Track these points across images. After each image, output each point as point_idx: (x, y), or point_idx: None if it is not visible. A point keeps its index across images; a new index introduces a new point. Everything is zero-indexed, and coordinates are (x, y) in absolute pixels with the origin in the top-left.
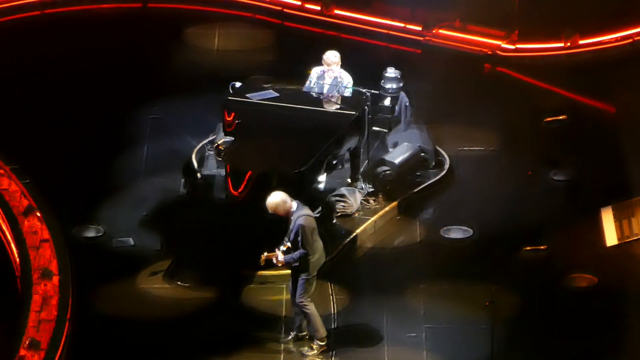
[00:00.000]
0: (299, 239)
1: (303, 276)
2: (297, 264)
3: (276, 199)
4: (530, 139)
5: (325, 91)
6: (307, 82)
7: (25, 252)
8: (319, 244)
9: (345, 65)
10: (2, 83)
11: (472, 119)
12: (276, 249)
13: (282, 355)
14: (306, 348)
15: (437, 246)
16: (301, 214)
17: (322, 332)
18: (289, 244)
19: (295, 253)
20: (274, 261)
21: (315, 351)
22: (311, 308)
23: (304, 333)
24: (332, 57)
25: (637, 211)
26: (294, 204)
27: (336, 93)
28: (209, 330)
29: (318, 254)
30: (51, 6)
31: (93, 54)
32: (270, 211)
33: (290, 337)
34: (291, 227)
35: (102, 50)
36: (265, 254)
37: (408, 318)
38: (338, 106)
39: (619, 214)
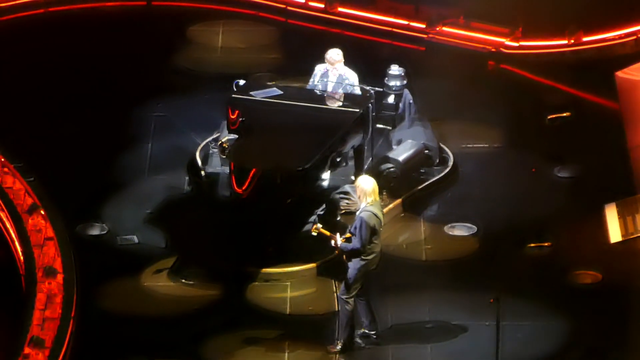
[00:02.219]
0: (356, 230)
1: (350, 272)
2: (349, 256)
3: (367, 185)
4: (534, 135)
5: (329, 88)
6: (311, 80)
7: (29, 250)
8: (376, 249)
9: (348, 62)
10: (7, 81)
11: (476, 116)
12: (337, 233)
13: (286, 354)
14: (333, 345)
15: (441, 243)
16: (366, 209)
17: (344, 334)
18: (350, 234)
19: (351, 244)
20: (332, 243)
21: (339, 348)
22: (348, 307)
23: (372, 332)
24: (334, 55)
25: None
26: (370, 199)
27: (341, 90)
28: (213, 327)
29: (372, 256)
30: (55, 4)
31: (97, 51)
32: (357, 189)
33: (360, 332)
34: (356, 217)
35: (107, 48)
36: (320, 225)
37: (413, 315)
38: (342, 104)
39: (623, 211)
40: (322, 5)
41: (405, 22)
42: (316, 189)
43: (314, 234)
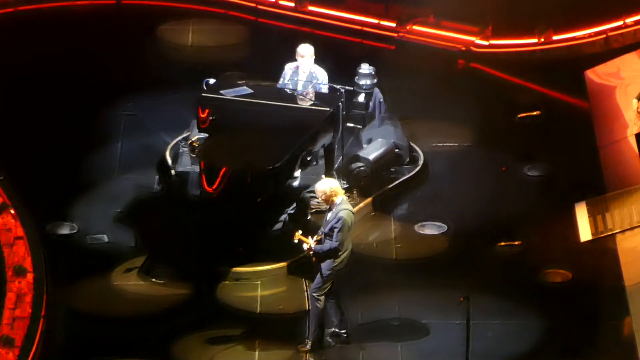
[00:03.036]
0: (336, 230)
1: (324, 269)
2: (324, 256)
3: (329, 184)
4: (505, 134)
5: (299, 87)
6: (281, 79)
7: None
8: (349, 246)
9: (319, 61)
10: None
11: (446, 115)
12: (309, 237)
13: (256, 353)
14: (303, 344)
15: (411, 242)
16: (345, 208)
17: (314, 333)
18: (322, 235)
19: (326, 244)
20: (305, 247)
21: (308, 347)
22: (319, 305)
23: (342, 331)
24: (305, 49)
25: (611, 206)
26: (340, 198)
27: (311, 89)
28: (183, 327)
29: (343, 257)
30: (24, 3)
31: (67, 50)
32: (318, 195)
33: (330, 331)
34: (330, 218)
35: (76, 47)
36: (300, 232)
37: (383, 314)
38: (312, 102)
39: (593, 210)
40: (293, 4)
41: (376, 21)
42: (287, 188)
43: (295, 241)
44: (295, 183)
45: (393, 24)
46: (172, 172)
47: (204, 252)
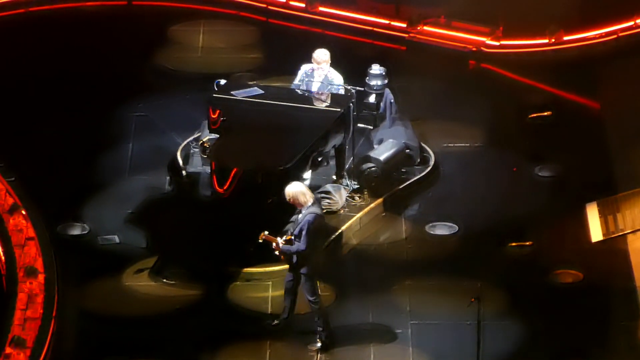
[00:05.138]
0: (303, 233)
1: (302, 274)
2: (295, 258)
3: (297, 188)
4: (515, 135)
5: (313, 88)
6: (296, 79)
7: (10, 250)
8: (322, 250)
9: (330, 62)
10: None
11: (457, 116)
12: (278, 237)
13: (267, 353)
14: (312, 343)
15: (422, 242)
16: (312, 211)
17: (326, 332)
18: (292, 236)
19: (294, 246)
20: (273, 246)
21: (319, 344)
22: (317, 306)
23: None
24: (322, 55)
25: (622, 207)
26: (310, 200)
27: (326, 91)
28: (194, 327)
29: (318, 259)
30: (36, 4)
31: (78, 51)
32: (287, 198)
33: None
34: (298, 220)
35: (87, 48)
36: (266, 232)
37: (394, 315)
38: (324, 103)
39: (604, 210)
40: (303, 5)
41: (386, 22)
42: None
43: (260, 241)
44: (306, 183)
45: (404, 25)
46: (183, 172)
47: (214, 252)
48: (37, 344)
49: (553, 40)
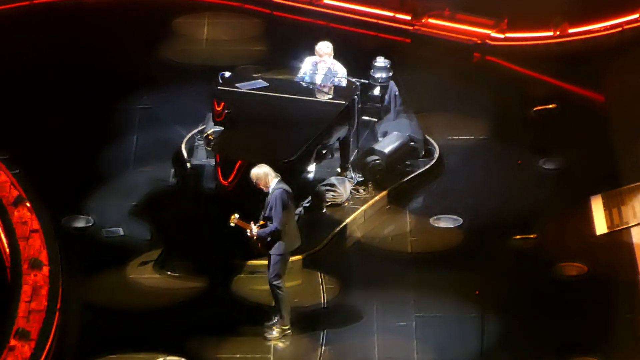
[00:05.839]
0: (272, 210)
1: (274, 255)
2: (269, 239)
3: (260, 170)
4: (520, 127)
5: (317, 81)
6: (300, 72)
7: (15, 243)
8: (293, 226)
9: (334, 54)
10: None
11: (462, 108)
12: (251, 222)
13: (272, 345)
14: (269, 331)
15: (427, 235)
16: (279, 187)
17: (287, 319)
18: (264, 221)
19: (268, 228)
20: (248, 233)
21: (277, 335)
22: (282, 291)
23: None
24: (324, 47)
25: (626, 199)
26: (275, 180)
27: (329, 84)
28: (198, 319)
29: (291, 236)
30: None
31: (82, 43)
32: (252, 181)
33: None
34: (268, 200)
35: (91, 40)
36: (237, 216)
37: (398, 307)
38: (328, 96)
39: (609, 203)
40: None
41: (391, 14)
42: (302, 181)
43: (232, 224)
44: (311, 176)
45: (408, 17)
46: (188, 165)
47: (219, 245)
48: (41, 336)
49: (558, 32)
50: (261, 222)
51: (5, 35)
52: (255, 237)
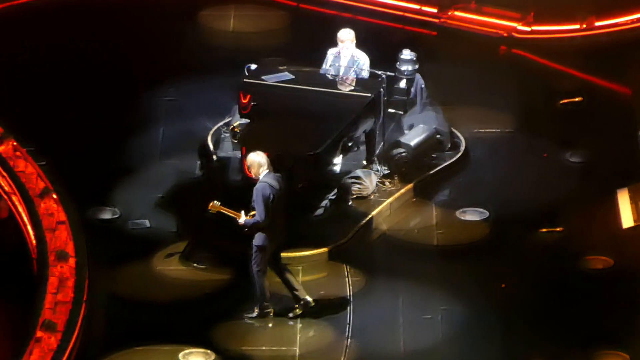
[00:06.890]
0: (255, 204)
1: (254, 245)
2: (253, 230)
3: (256, 158)
4: (546, 120)
5: (341, 73)
6: (324, 64)
7: (41, 234)
8: (279, 221)
9: (361, 47)
10: (20, 65)
11: (488, 101)
12: (242, 211)
13: (297, 338)
14: (249, 312)
15: (453, 228)
16: (262, 180)
17: (266, 300)
18: (254, 210)
19: (252, 219)
20: (237, 221)
21: (255, 314)
22: (260, 281)
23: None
24: (346, 34)
25: None
26: (264, 172)
27: (353, 74)
28: (224, 312)
29: (273, 231)
30: None
31: (109, 36)
32: (246, 165)
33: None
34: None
35: (118, 33)
36: (217, 202)
37: (424, 300)
38: (353, 88)
39: (635, 196)
40: None
41: (417, 7)
42: (328, 174)
43: (212, 212)
44: (337, 169)
45: (435, 10)
46: (214, 157)
47: (245, 237)
48: (67, 327)
49: (584, 25)
50: (252, 212)
51: (36, 27)
52: (241, 226)
